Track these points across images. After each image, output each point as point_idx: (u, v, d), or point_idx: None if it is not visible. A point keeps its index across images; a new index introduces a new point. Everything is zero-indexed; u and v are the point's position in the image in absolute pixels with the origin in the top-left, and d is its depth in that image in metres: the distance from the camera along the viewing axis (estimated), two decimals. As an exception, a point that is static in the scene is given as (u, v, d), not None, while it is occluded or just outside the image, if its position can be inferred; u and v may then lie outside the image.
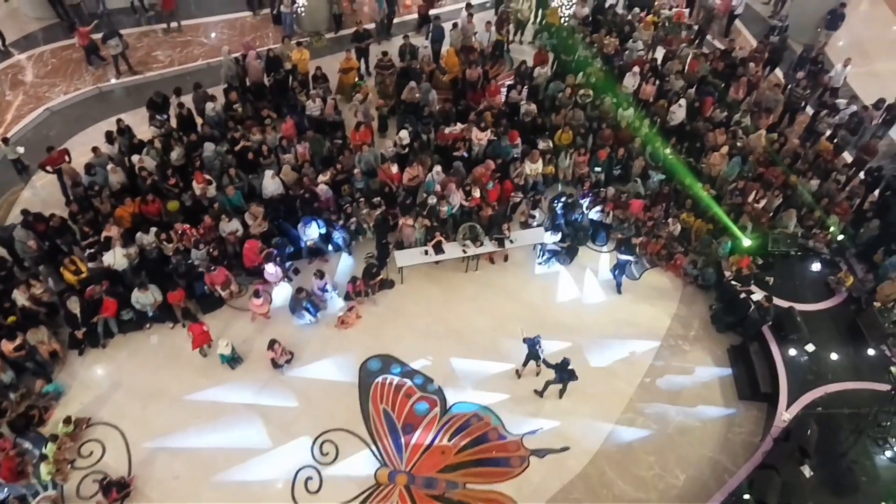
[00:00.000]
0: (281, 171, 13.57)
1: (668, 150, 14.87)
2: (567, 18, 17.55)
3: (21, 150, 14.16)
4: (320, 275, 12.53)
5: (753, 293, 12.80)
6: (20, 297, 11.54)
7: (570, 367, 11.18)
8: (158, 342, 12.24)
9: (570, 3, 17.01)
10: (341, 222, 13.27)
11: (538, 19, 18.87)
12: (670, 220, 14.05)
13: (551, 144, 14.96)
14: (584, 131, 15.44)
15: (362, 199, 13.36)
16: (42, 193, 14.09)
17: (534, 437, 11.44)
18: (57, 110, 15.95)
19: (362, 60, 16.86)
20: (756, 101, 16.03)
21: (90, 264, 12.13)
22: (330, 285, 12.81)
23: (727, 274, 13.21)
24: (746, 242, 13.36)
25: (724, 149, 14.57)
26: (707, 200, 13.98)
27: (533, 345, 11.43)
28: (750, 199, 13.93)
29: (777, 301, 12.67)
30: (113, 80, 16.74)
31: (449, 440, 11.27)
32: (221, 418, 11.32)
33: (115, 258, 12.09)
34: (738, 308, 12.78)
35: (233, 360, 11.88)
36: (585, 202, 14.25)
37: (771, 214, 14.10)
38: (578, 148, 14.93)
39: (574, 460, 11.25)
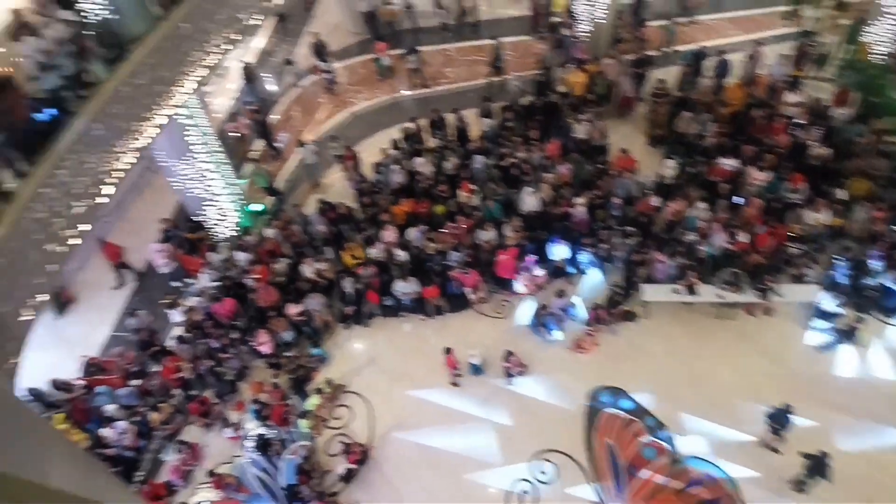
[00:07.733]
0: (540, 189, 13.70)
1: None
2: (884, 56, 15.10)
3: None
4: (561, 294, 12.45)
5: None
6: (307, 270, 13.15)
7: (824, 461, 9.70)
8: (411, 330, 13.10)
9: (889, 39, 14.51)
10: (591, 247, 13.07)
11: (844, 54, 16.62)
12: None
13: (848, 196, 13.09)
14: (886, 183, 13.36)
15: (617, 227, 13.03)
16: (338, 186, 15.81)
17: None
18: (359, 114, 17.92)
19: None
20: None
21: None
22: (571, 307, 12.65)
23: None
24: None
25: None
26: None
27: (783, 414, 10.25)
28: None
29: None
30: (406, 92, 18.27)
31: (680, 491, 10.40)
32: (451, 412, 11.80)
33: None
34: None
35: (477, 371, 12.27)
36: (878, 265, 12.21)
37: None
38: (875, 201, 12.96)
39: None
